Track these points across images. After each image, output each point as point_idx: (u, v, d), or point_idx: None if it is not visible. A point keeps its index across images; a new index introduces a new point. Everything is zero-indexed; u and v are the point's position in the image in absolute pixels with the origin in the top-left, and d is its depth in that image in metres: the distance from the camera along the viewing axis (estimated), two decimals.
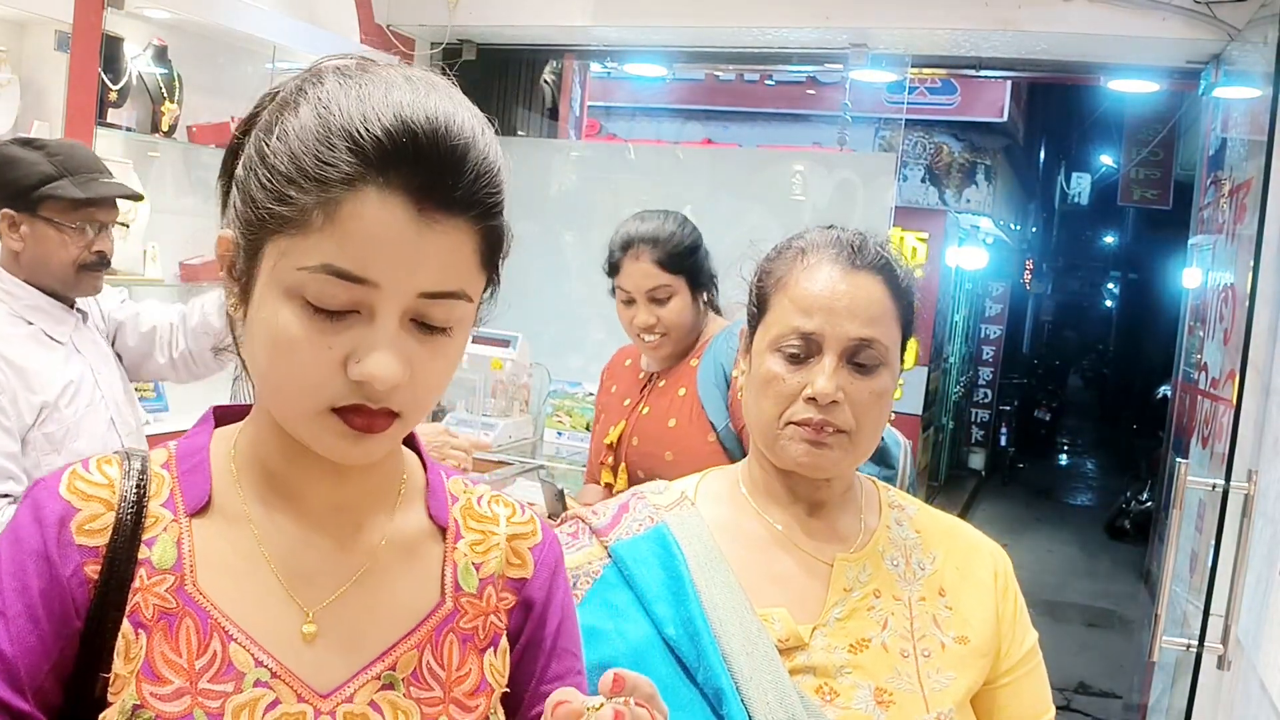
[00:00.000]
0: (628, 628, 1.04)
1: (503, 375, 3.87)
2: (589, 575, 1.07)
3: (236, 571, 0.77)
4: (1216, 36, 3.28)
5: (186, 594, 0.76)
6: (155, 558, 0.76)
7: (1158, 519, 6.15)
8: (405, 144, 0.69)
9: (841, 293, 1.06)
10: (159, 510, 0.78)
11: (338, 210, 0.69)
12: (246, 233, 0.73)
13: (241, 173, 0.74)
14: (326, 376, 0.71)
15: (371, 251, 0.69)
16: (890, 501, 1.18)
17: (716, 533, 1.10)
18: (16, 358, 1.96)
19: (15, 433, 1.93)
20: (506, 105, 4.59)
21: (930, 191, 9.69)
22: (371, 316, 0.71)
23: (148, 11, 3.12)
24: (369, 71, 0.73)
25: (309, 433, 0.74)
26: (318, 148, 0.69)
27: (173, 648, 0.75)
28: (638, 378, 2.35)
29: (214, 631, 0.75)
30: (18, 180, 1.98)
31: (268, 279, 0.72)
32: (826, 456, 1.06)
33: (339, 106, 0.70)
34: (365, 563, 0.81)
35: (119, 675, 0.74)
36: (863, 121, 6.38)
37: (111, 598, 0.74)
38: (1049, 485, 11.68)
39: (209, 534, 0.78)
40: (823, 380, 1.04)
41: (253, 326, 0.74)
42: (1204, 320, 3.62)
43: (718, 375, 2.16)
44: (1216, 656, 2.39)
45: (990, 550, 1.16)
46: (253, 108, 0.78)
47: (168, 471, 0.80)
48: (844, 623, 1.07)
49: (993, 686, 1.11)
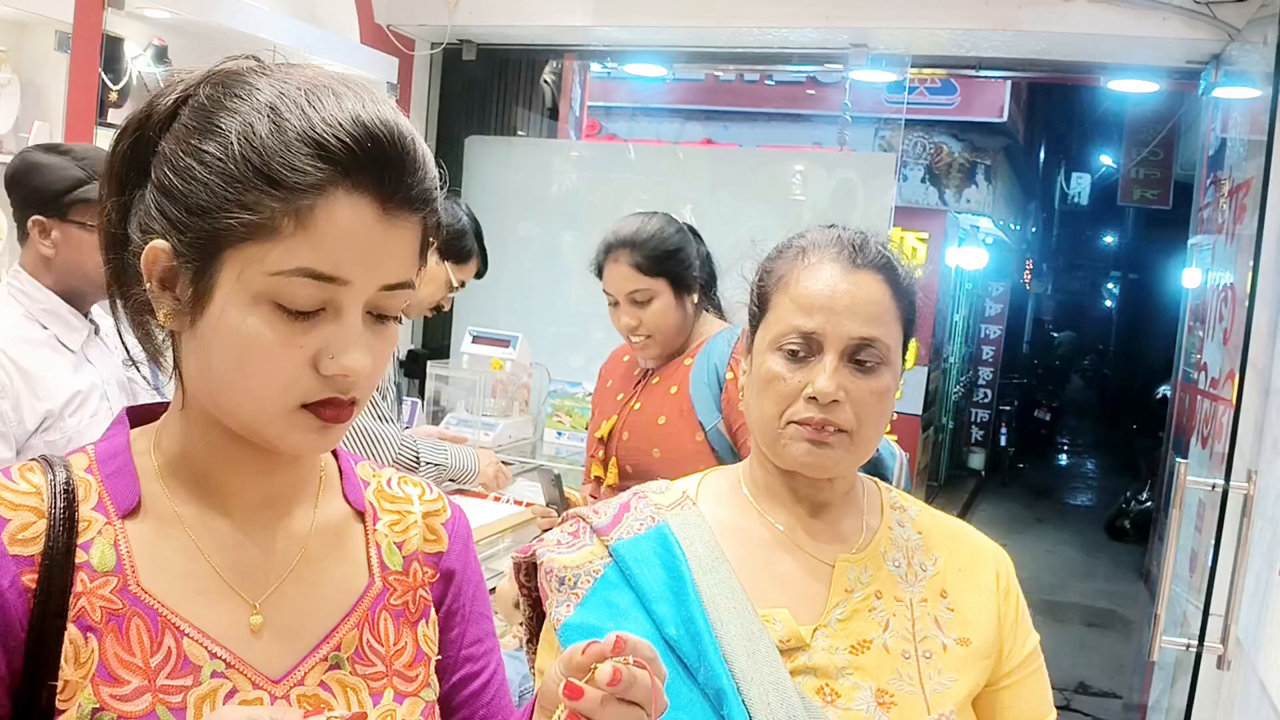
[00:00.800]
0: (628, 627, 1.04)
1: (503, 375, 3.87)
2: (590, 574, 1.07)
3: (177, 570, 0.79)
4: (1216, 36, 3.28)
5: (132, 594, 0.77)
6: (95, 561, 0.77)
7: (1157, 519, 6.15)
8: (370, 149, 0.73)
9: (842, 291, 1.06)
10: (90, 514, 0.78)
11: (310, 215, 0.72)
12: (195, 244, 0.74)
13: (172, 180, 0.74)
14: (298, 375, 0.74)
15: (344, 252, 0.73)
16: (892, 503, 1.17)
17: (718, 533, 1.10)
18: (25, 362, 1.95)
19: (12, 439, 1.92)
20: (506, 105, 4.59)
21: (930, 191, 9.70)
22: (339, 313, 0.75)
23: (148, 12, 3.12)
24: (296, 75, 0.76)
25: (276, 430, 0.76)
26: (283, 156, 0.71)
27: (125, 648, 0.76)
28: (633, 374, 2.36)
29: (165, 629, 0.77)
30: (48, 186, 1.98)
31: (232, 288, 0.73)
32: (828, 455, 1.06)
33: (295, 114, 0.72)
34: (298, 552, 0.85)
35: (69, 681, 0.74)
36: (863, 121, 6.38)
37: (52, 605, 0.74)
38: (1049, 485, 11.69)
39: (143, 535, 0.79)
40: (823, 379, 1.04)
41: (213, 335, 0.75)
42: (1204, 320, 3.62)
43: (710, 376, 2.18)
44: (1216, 656, 2.39)
45: (993, 553, 1.16)
46: (144, 108, 0.78)
47: (92, 476, 0.80)
48: (845, 624, 1.07)
49: (994, 688, 1.10)
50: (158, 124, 0.77)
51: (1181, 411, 4.21)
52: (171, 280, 0.76)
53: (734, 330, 2.22)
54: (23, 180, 2.01)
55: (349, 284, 0.74)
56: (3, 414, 1.91)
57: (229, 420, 0.79)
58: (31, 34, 2.83)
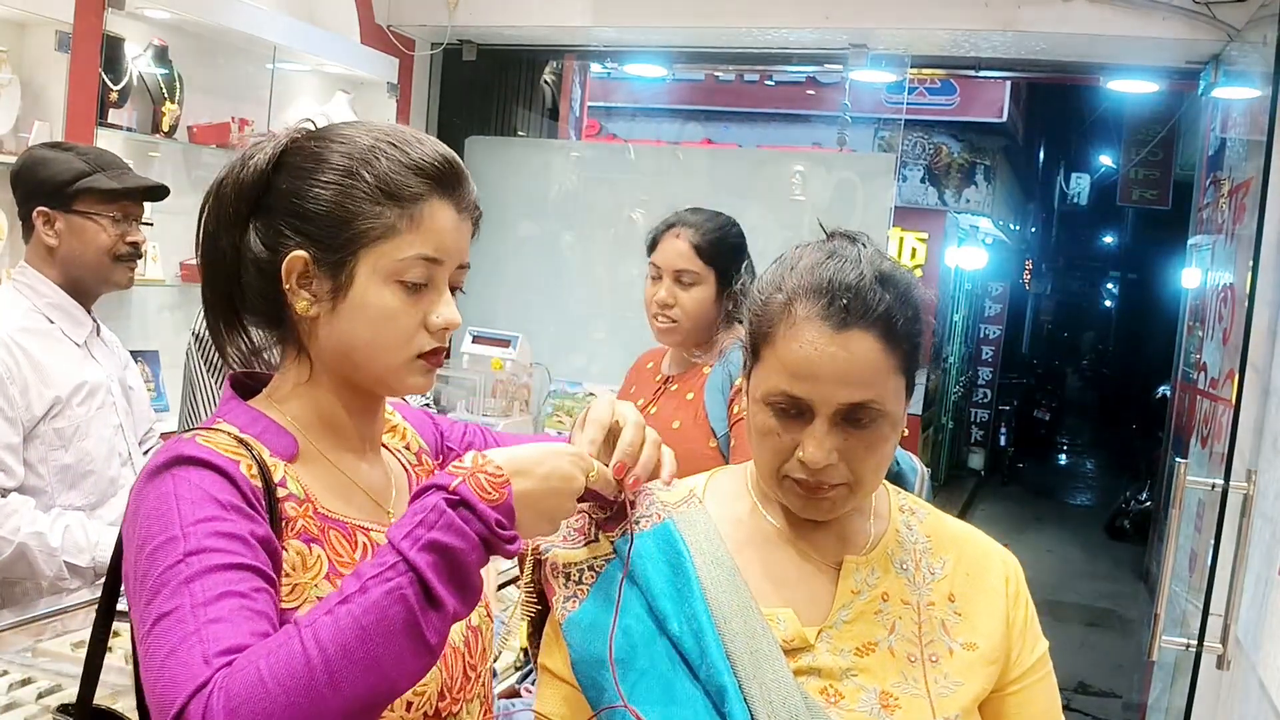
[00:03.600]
0: (631, 622, 1.04)
1: (503, 375, 3.87)
2: (594, 569, 1.07)
3: (339, 492, 1.05)
4: (1216, 37, 3.28)
5: (320, 514, 1.01)
6: (294, 491, 1.00)
7: (1157, 519, 6.15)
8: (450, 170, 1.04)
9: (829, 357, 0.99)
10: (272, 460, 1.00)
11: (420, 218, 1.01)
12: (335, 248, 1.00)
13: (304, 206, 1.01)
14: (415, 332, 1.03)
15: (441, 241, 1.03)
16: (901, 505, 1.16)
17: (724, 531, 1.09)
18: (33, 350, 1.99)
19: (19, 424, 1.95)
20: (506, 105, 4.60)
21: (930, 192, 9.70)
22: (436, 286, 1.04)
23: (148, 12, 3.12)
24: (368, 127, 1.05)
25: (397, 377, 1.04)
26: (400, 178, 1.01)
27: (335, 552, 1.00)
28: (655, 379, 2.37)
29: (355, 532, 1.03)
30: (53, 178, 2.03)
31: (369, 275, 1.00)
32: (826, 508, 1.05)
33: (397, 151, 1.02)
34: (395, 468, 1.15)
35: (297, 584, 0.96)
36: (862, 122, 6.38)
37: (275, 525, 0.96)
38: (1048, 485, 11.69)
39: (306, 472, 1.03)
40: (812, 448, 1.00)
41: (357, 312, 1.01)
42: (1203, 320, 3.63)
43: (725, 384, 2.18)
44: (1216, 656, 2.39)
45: (1002, 558, 1.15)
46: (239, 163, 1.04)
47: (249, 436, 1.01)
48: (851, 625, 1.06)
49: (1001, 694, 1.09)
50: (263, 170, 1.02)
51: (1181, 411, 4.21)
52: (307, 280, 1.01)
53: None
54: (28, 174, 2.05)
55: (443, 264, 1.03)
56: (11, 399, 1.94)
57: (362, 376, 1.04)
58: (32, 34, 2.84)
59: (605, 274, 2.18)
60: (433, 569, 0.85)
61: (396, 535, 0.87)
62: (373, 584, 0.84)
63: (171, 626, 0.84)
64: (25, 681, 1.60)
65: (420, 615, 0.84)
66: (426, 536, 0.86)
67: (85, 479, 2.04)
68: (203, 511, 0.91)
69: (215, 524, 0.90)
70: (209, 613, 0.84)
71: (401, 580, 0.84)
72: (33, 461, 1.97)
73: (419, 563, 0.85)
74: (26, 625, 1.78)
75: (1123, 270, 19.65)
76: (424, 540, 0.86)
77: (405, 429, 1.20)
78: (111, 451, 2.09)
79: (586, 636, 1.03)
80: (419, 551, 0.85)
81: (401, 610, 0.83)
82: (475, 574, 0.89)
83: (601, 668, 1.01)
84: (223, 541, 0.89)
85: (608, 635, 1.02)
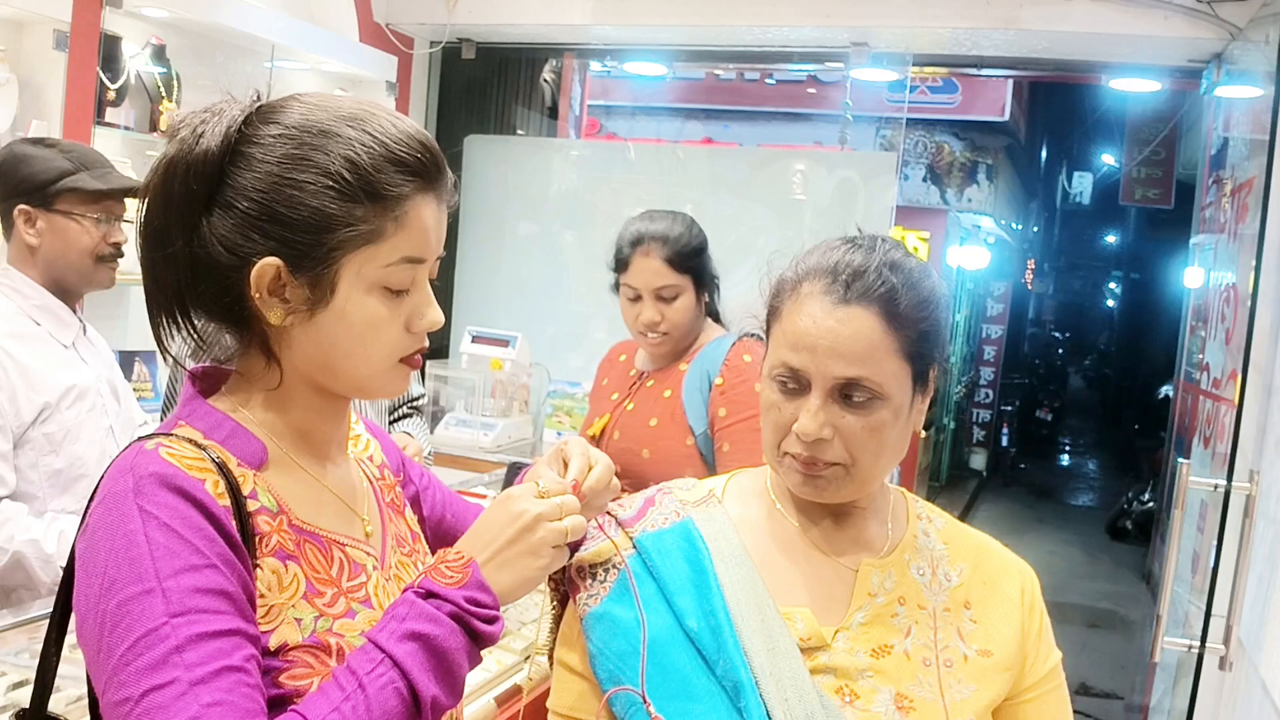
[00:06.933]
0: (650, 618, 1.04)
1: (502, 375, 3.87)
2: (614, 566, 1.08)
3: (311, 501, 0.99)
4: (1218, 35, 3.27)
5: (296, 526, 0.96)
6: (265, 504, 0.94)
7: (1159, 519, 6.15)
8: (430, 159, 0.96)
9: (826, 330, 1.02)
10: (240, 470, 0.94)
11: (405, 217, 0.94)
12: (313, 255, 0.91)
13: (274, 208, 0.90)
14: (400, 336, 0.97)
15: (427, 239, 0.96)
16: (919, 513, 1.17)
17: (742, 531, 1.11)
18: (20, 355, 1.97)
19: (9, 431, 1.93)
20: (506, 104, 4.59)
21: (931, 191, 9.69)
22: (418, 285, 0.97)
23: (146, 10, 3.11)
24: (350, 107, 0.96)
25: (381, 382, 0.99)
26: (383, 175, 0.92)
27: (312, 568, 0.95)
28: (628, 374, 2.36)
29: (331, 546, 0.98)
30: (35, 176, 2.00)
31: (352, 283, 0.93)
32: (822, 486, 1.05)
33: (375, 140, 0.92)
34: (358, 475, 1.09)
35: (273, 605, 0.91)
36: (864, 120, 6.38)
37: (247, 542, 0.91)
38: (1050, 485, 11.69)
39: (277, 480, 0.97)
40: (806, 419, 1.02)
41: (337, 321, 0.94)
42: (1206, 320, 3.62)
43: (703, 382, 2.17)
44: (1218, 657, 2.39)
45: (1019, 568, 1.16)
46: (182, 147, 0.92)
47: (213, 441, 0.94)
48: (867, 627, 1.07)
49: (1014, 703, 1.10)
50: (215, 158, 0.91)
51: (1183, 411, 4.20)
52: (279, 288, 0.92)
53: (728, 339, 2.22)
54: (9, 171, 2.01)
55: (425, 261, 0.97)
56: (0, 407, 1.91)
57: (338, 384, 0.98)
58: (30, 33, 2.83)
59: (605, 274, 2.16)
60: (412, 657, 0.88)
61: (375, 634, 0.90)
62: (367, 681, 0.87)
63: (168, 704, 0.80)
64: (23, 683, 1.59)
65: (413, 707, 0.88)
66: (401, 628, 0.89)
67: (77, 483, 2.02)
68: (179, 561, 0.84)
69: (196, 577, 0.84)
70: (207, 694, 0.81)
71: (392, 674, 0.87)
72: (23, 467, 1.95)
73: (398, 653, 0.88)
74: (24, 626, 1.77)
75: (1125, 270, 19.64)
76: (400, 631, 0.89)
77: (369, 440, 1.16)
78: (103, 454, 2.07)
79: (610, 631, 1.05)
80: (397, 642, 0.88)
81: (399, 705, 0.87)
82: (459, 661, 0.91)
83: (622, 660, 1.03)
84: (208, 600, 0.84)
85: (629, 629, 1.04)
